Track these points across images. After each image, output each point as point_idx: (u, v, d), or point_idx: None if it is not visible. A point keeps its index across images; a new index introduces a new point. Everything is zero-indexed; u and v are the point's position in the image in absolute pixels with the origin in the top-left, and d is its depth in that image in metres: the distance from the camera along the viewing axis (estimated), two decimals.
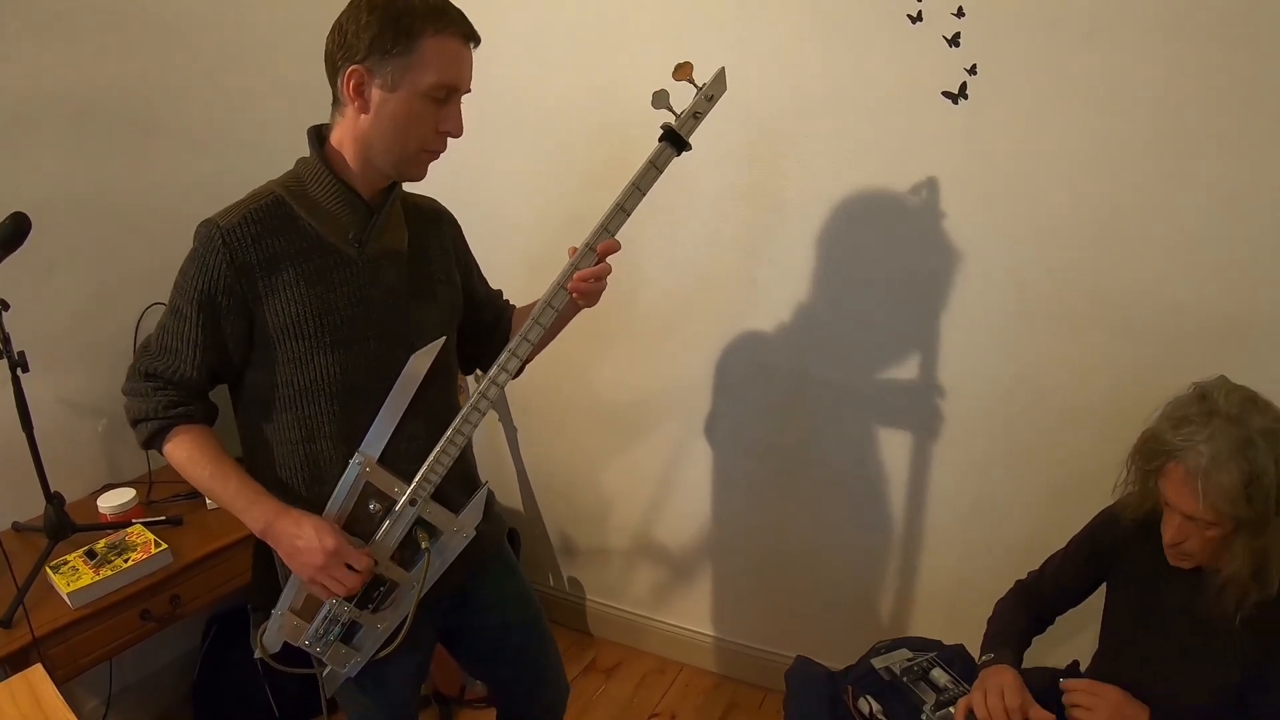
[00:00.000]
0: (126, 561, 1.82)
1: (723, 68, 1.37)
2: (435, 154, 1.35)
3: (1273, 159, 1.64)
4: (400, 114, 1.27)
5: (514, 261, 1.94)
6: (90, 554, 1.84)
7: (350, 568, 1.32)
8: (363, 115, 1.28)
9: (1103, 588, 1.63)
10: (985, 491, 2.10)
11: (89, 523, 1.95)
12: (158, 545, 1.87)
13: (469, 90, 1.33)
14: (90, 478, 2.15)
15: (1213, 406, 1.31)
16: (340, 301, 1.32)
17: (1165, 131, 1.70)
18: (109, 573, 1.79)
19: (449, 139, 1.33)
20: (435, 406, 1.41)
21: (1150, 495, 1.44)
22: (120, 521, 1.97)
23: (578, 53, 2.21)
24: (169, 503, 2.10)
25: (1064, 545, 1.67)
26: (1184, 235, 1.74)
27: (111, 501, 1.98)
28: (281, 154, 1.42)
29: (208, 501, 2.08)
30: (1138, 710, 1.41)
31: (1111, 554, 1.58)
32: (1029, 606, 1.68)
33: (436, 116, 1.29)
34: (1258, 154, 1.64)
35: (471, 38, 1.30)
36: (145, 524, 1.96)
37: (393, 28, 1.22)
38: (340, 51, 1.26)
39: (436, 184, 1.57)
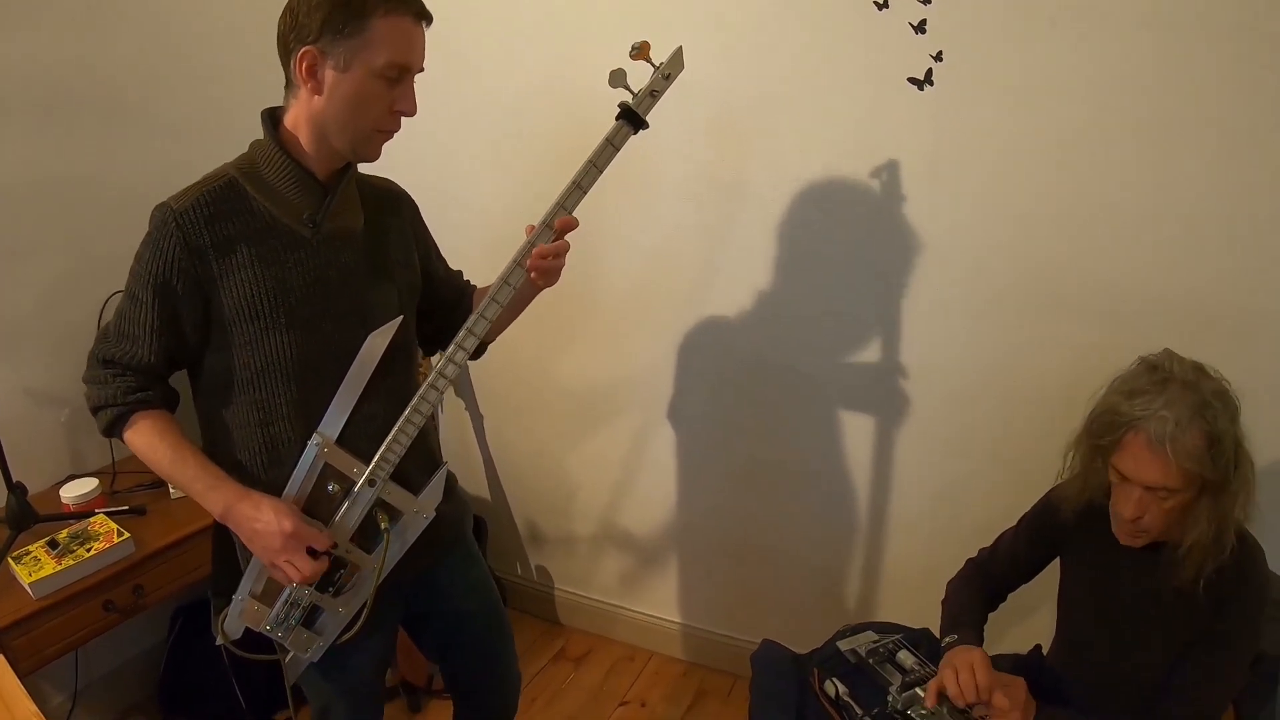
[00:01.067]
0: (89, 551, 1.83)
1: (680, 47, 1.39)
2: (389, 133, 1.36)
3: (1239, 146, 1.67)
4: (353, 94, 1.28)
5: (476, 244, 1.95)
6: (52, 544, 1.84)
7: (311, 552, 1.33)
8: (316, 96, 1.29)
9: (1055, 567, 1.66)
10: (950, 477, 2.13)
11: (52, 513, 1.95)
12: (120, 535, 1.88)
13: (422, 69, 1.34)
14: (53, 468, 2.15)
15: (1166, 375, 1.34)
16: (295, 282, 1.33)
17: (1130, 118, 1.73)
18: (71, 562, 1.79)
19: (403, 118, 1.35)
20: (394, 386, 1.42)
21: (1093, 482, 1.47)
22: (83, 511, 1.97)
23: (541, 35, 2.22)
24: (132, 493, 2.10)
25: (1015, 523, 1.70)
26: (1149, 223, 1.77)
27: (74, 491, 1.99)
28: (249, 139, 1.42)
29: (171, 491, 2.08)
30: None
31: (1058, 538, 1.61)
32: (982, 584, 1.71)
33: (390, 96, 1.30)
34: (1224, 140, 1.68)
35: (423, 16, 1.31)
36: (108, 514, 1.97)
37: (344, 8, 1.23)
38: (292, 33, 1.27)
39: (398, 167, 1.58)
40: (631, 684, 2.60)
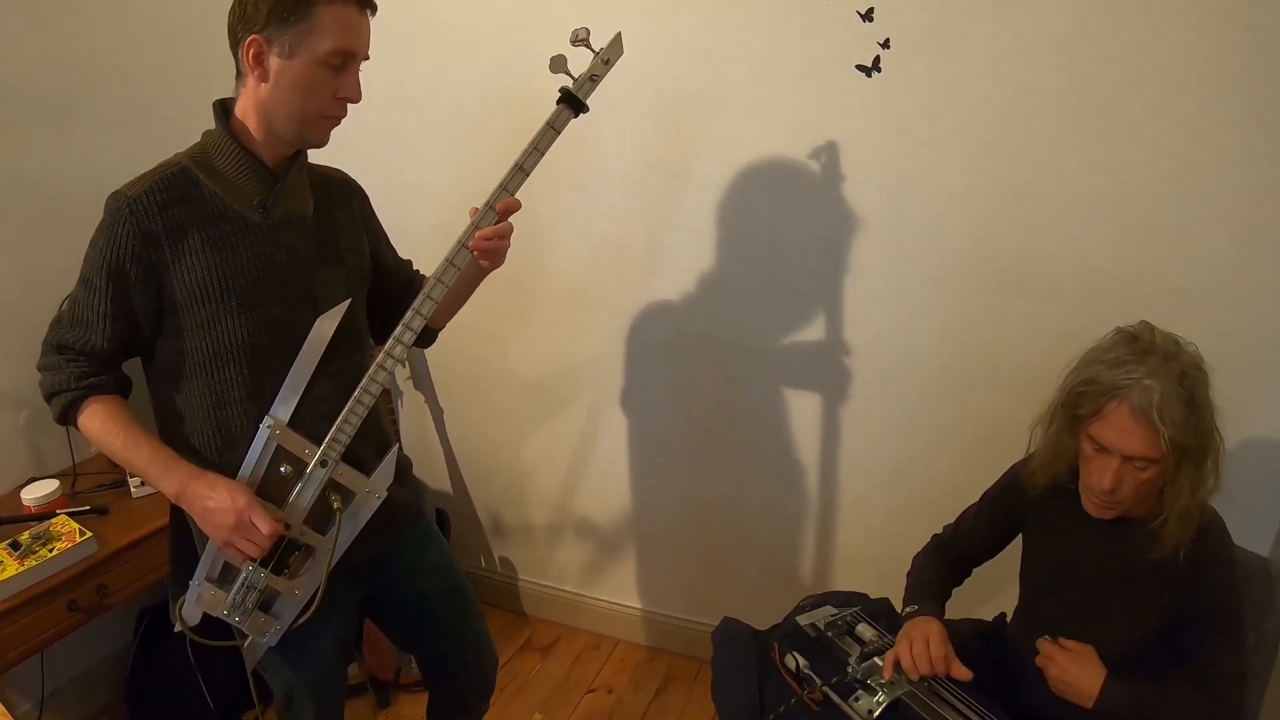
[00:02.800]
0: (51, 551, 1.85)
1: (619, 33, 1.45)
2: (336, 120, 1.41)
3: (1182, 123, 1.74)
4: (299, 81, 1.33)
5: (427, 231, 1.99)
6: (14, 545, 1.86)
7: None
8: (263, 84, 1.34)
9: (1018, 542, 1.70)
10: (907, 452, 2.19)
11: (13, 515, 1.98)
12: (83, 534, 1.90)
13: (367, 56, 1.39)
14: (13, 471, 2.17)
15: (1146, 346, 1.37)
16: (245, 266, 1.38)
17: (1076, 98, 1.79)
18: (33, 563, 1.81)
19: (350, 104, 1.39)
20: (344, 369, 1.46)
21: (1064, 454, 1.49)
22: (45, 512, 1.99)
23: (486, 21, 2.26)
24: (94, 493, 2.13)
25: (978, 499, 1.74)
26: (1095, 200, 1.84)
27: (35, 493, 2.01)
28: (199, 133, 1.46)
29: (133, 490, 2.11)
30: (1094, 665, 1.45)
31: (1022, 512, 1.65)
32: (947, 559, 1.75)
33: (335, 83, 1.35)
34: (1167, 119, 1.74)
35: (368, 4, 1.36)
36: (70, 514, 1.99)
37: None
38: (240, 23, 1.32)
39: (348, 156, 1.64)
40: (598, 671, 2.65)
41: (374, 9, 1.38)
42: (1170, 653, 1.47)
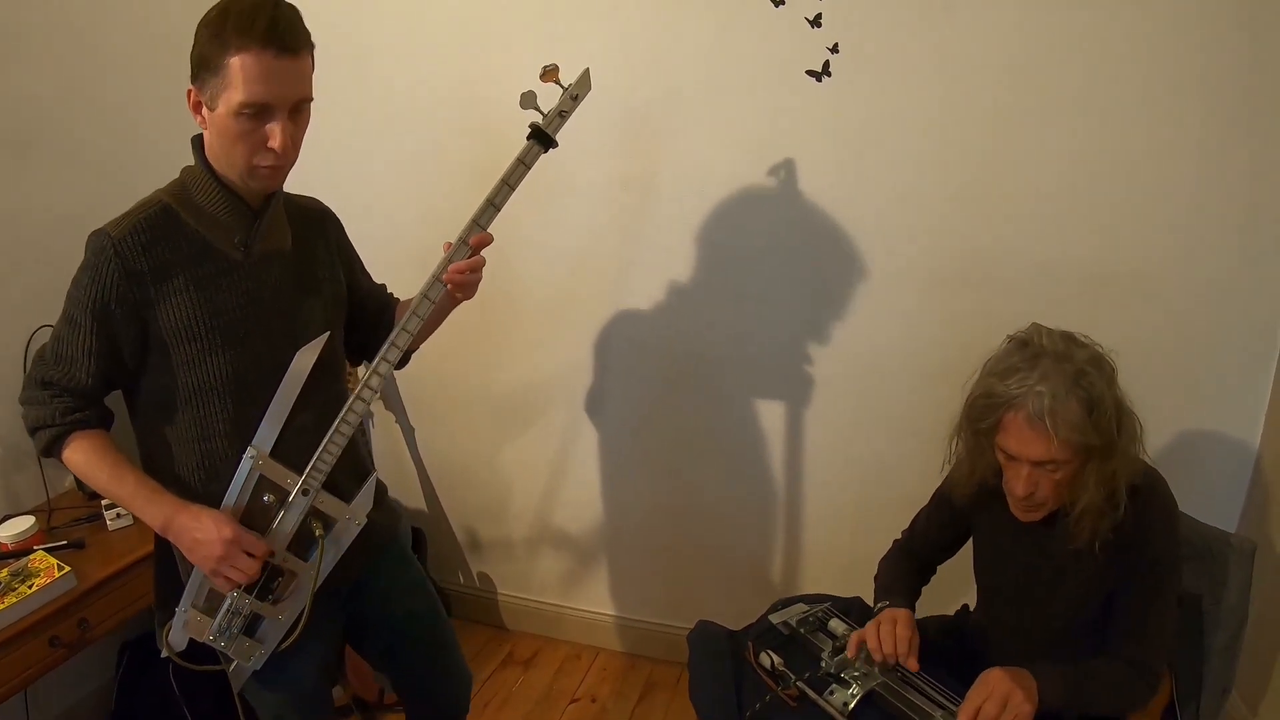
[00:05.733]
0: (30, 588, 1.89)
1: (586, 69, 1.54)
2: (274, 167, 1.41)
3: (1127, 119, 1.86)
4: (225, 131, 1.36)
5: (399, 259, 2.08)
6: None
7: (250, 555, 1.43)
8: (207, 132, 1.40)
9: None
10: (872, 450, 2.30)
11: None
12: (61, 569, 1.94)
13: (294, 104, 1.37)
14: None
15: (1036, 350, 1.41)
16: (229, 304, 1.45)
17: (1023, 96, 1.91)
18: (13, 600, 1.85)
19: (292, 150, 1.41)
20: (324, 398, 1.54)
21: (981, 465, 1.56)
22: (22, 549, 2.03)
23: (452, 54, 2.35)
24: (70, 527, 2.18)
25: (928, 502, 1.84)
26: (1044, 195, 1.96)
27: (11, 530, 2.05)
28: (166, 165, 1.52)
29: (108, 522, 2.16)
30: (1020, 678, 1.47)
31: (964, 514, 1.73)
32: (909, 561, 1.85)
33: (261, 133, 1.36)
34: (1113, 116, 1.86)
35: (286, 50, 1.32)
36: (47, 550, 2.03)
37: (208, 46, 1.31)
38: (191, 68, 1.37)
39: (320, 185, 1.72)
40: (581, 681, 2.74)
41: (295, 52, 1.34)
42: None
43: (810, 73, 2.04)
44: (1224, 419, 2.02)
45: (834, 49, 2.01)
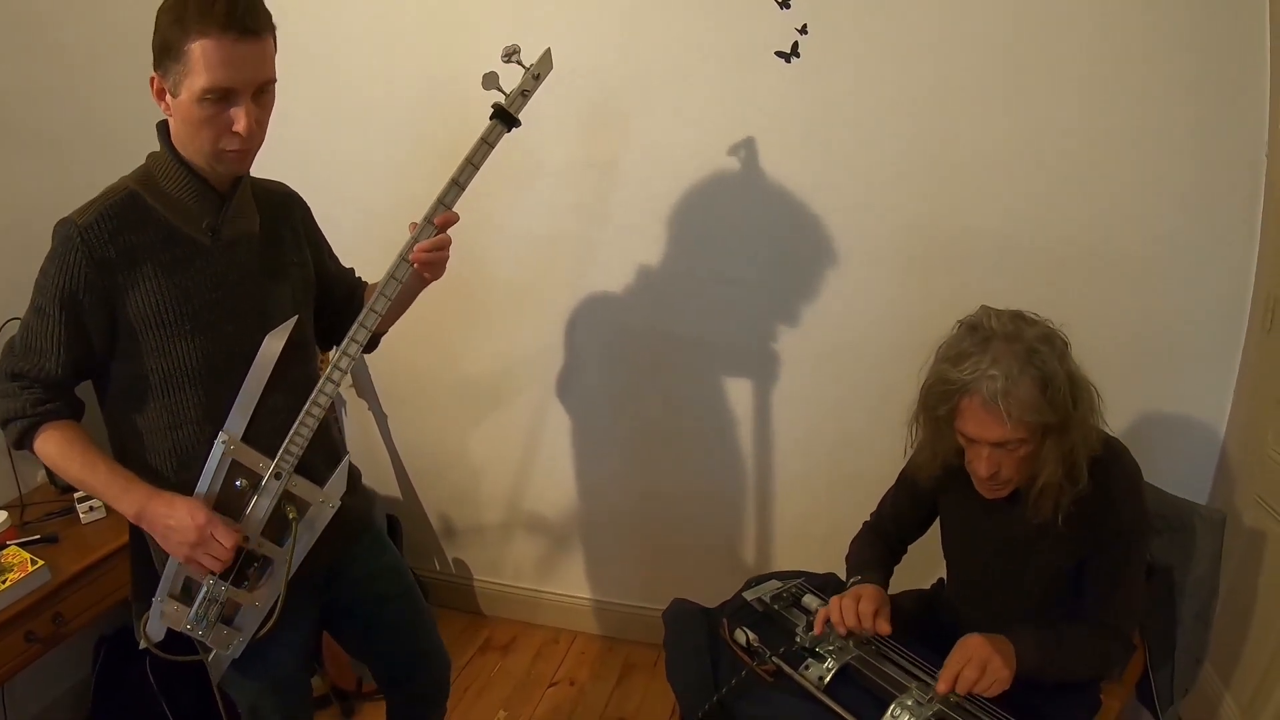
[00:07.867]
0: (4, 583, 1.91)
1: (548, 49, 1.57)
2: (240, 151, 1.42)
3: (1101, 99, 1.90)
4: (189, 118, 1.37)
5: (367, 244, 2.09)
6: None
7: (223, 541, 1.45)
8: (172, 118, 1.42)
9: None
10: (846, 429, 2.34)
11: None
12: (35, 563, 1.97)
13: (257, 86, 1.38)
14: None
15: (986, 333, 1.44)
16: (198, 289, 1.46)
17: (994, 74, 1.95)
18: None
19: (258, 133, 1.42)
20: (294, 381, 1.56)
21: (941, 448, 1.59)
22: None
23: (419, 38, 2.37)
24: (43, 522, 2.20)
25: (893, 485, 1.88)
26: (1018, 175, 2.00)
27: None
28: (131, 152, 1.53)
29: (81, 516, 2.19)
30: (998, 643, 1.51)
31: (930, 494, 1.77)
32: (880, 540, 1.90)
33: (224, 117, 1.37)
34: (1084, 96, 1.90)
35: (247, 32, 1.33)
36: (20, 544, 2.06)
37: (169, 31, 1.32)
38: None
39: (287, 170, 1.73)
40: (559, 665, 2.79)
41: (256, 34, 1.35)
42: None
43: (779, 54, 2.07)
44: (1193, 392, 2.07)
45: (803, 30, 2.04)
